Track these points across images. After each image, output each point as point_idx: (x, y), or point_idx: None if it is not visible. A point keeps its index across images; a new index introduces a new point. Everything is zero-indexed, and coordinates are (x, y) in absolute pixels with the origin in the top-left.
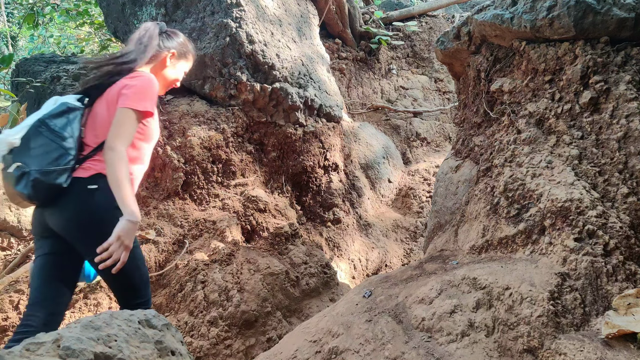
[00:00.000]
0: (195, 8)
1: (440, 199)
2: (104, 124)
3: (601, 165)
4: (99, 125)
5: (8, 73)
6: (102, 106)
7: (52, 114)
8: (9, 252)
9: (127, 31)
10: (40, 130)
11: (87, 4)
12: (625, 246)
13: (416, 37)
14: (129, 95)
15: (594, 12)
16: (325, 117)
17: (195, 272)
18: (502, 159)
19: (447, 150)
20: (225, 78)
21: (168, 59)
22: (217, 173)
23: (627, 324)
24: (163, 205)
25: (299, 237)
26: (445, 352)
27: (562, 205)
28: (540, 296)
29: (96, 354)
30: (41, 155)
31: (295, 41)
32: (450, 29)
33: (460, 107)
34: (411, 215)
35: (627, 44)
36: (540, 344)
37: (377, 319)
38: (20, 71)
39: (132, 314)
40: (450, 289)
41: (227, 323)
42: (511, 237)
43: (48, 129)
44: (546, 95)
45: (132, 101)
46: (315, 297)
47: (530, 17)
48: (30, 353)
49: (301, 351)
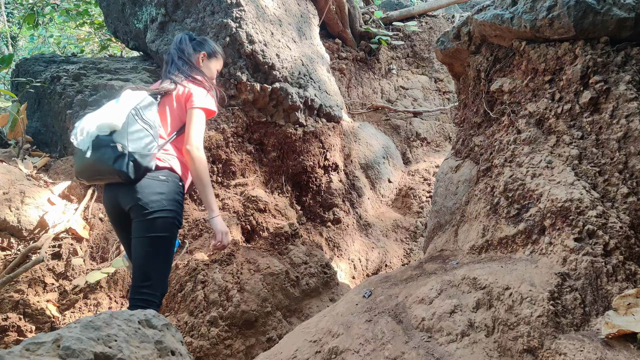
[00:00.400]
0: (195, 8)
1: (440, 199)
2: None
3: (601, 165)
4: (169, 120)
5: (8, 73)
6: (170, 104)
7: (144, 105)
8: (9, 252)
9: (127, 31)
10: (136, 118)
11: (87, 4)
12: (625, 246)
13: (416, 37)
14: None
15: (594, 12)
16: (325, 117)
17: (195, 272)
18: (502, 159)
19: (447, 150)
20: (225, 78)
21: (200, 60)
22: (217, 173)
23: (627, 324)
24: None
25: (299, 237)
26: (445, 352)
27: (562, 205)
28: (540, 296)
29: (96, 354)
30: (137, 140)
31: (295, 41)
32: (450, 29)
33: (460, 107)
34: (411, 215)
35: (627, 44)
36: (540, 344)
37: (377, 319)
38: (20, 71)
39: (132, 314)
40: (450, 289)
41: (227, 323)
42: (511, 237)
43: (141, 118)
44: (546, 95)
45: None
46: (315, 297)
47: (530, 17)
48: (30, 353)
49: (301, 351)
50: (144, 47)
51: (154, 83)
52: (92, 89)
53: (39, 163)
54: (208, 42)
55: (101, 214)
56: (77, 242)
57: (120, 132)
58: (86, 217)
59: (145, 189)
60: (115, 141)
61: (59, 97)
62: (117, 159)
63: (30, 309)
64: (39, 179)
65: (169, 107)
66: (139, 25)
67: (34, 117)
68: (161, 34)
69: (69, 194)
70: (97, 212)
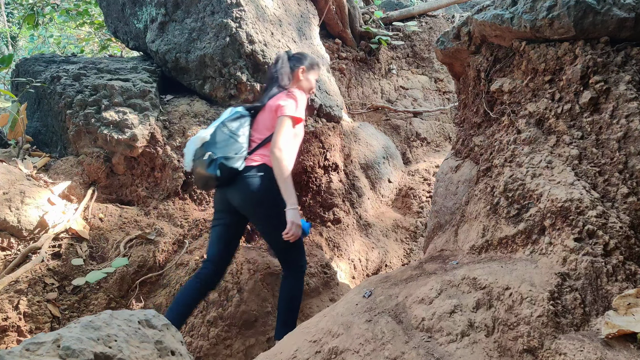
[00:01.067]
0: (195, 8)
1: (440, 199)
2: (265, 127)
3: (601, 165)
4: (261, 128)
5: (8, 73)
6: (264, 115)
7: (230, 119)
8: (8, 252)
9: (127, 31)
10: (223, 130)
11: (87, 4)
12: (625, 246)
13: (416, 37)
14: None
15: (594, 12)
16: (325, 117)
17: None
18: (502, 159)
19: (447, 150)
20: (225, 78)
21: (300, 74)
22: None
23: (627, 324)
24: (163, 205)
25: None
26: (445, 352)
27: (562, 205)
28: (540, 296)
29: (96, 354)
30: (223, 147)
31: (295, 41)
32: (450, 29)
33: (460, 107)
34: (411, 215)
35: (627, 44)
36: (540, 344)
37: (377, 319)
38: (20, 71)
39: (132, 314)
40: (450, 289)
41: (227, 323)
42: (511, 237)
43: (227, 129)
44: (546, 95)
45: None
46: (315, 297)
47: (530, 17)
48: (30, 353)
49: (301, 351)
50: (144, 47)
51: (153, 83)
52: (92, 89)
53: (39, 163)
54: (305, 56)
55: (101, 214)
56: (77, 242)
57: (209, 142)
58: (86, 217)
59: (247, 184)
60: (206, 151)
61: (59, 97)
62: (209, 165)
63: (30, 309)
64: (39, 179)
65: (262, 118)
66: (139, 25)
67: (34, 117)
68: (161, 34)
69: (69, 194)
70: (97, 212)
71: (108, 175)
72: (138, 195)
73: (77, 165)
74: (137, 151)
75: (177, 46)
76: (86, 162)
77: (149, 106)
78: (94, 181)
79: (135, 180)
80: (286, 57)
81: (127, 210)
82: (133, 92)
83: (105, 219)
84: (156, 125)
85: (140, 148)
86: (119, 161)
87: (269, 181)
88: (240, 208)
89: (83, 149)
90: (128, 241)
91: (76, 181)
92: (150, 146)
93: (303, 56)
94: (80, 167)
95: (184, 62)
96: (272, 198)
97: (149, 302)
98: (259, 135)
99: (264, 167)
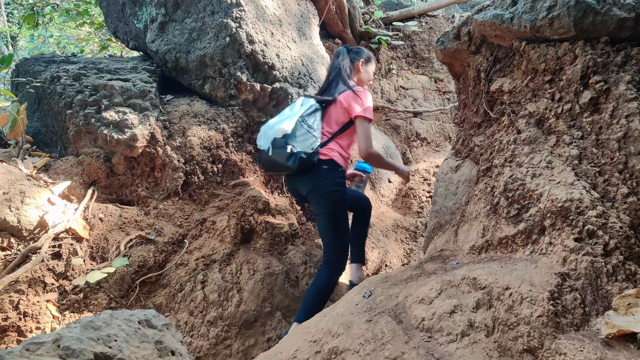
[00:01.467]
0: (195, 8)
1: (440, 199)
2: (336, 122)
3: (601, 165)
4: (332, 122)
5: (8, 73)
6: (335, 110)
7: (307, 113)
8: (8, 252)
9: (127, 31)
10: (302, 124)
11: (87, 4)
12: (625, 246)
13: (416, 37)
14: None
15: (594, 12)
16: None
17: (195, 272)
18: (502, 159)
19: (447, 150)
20: (225, 78)
21: (360, 67)
22: (217, 173)
23: (627, 324)
24: (163, 205)
25: (298, 237)
26: (445, 352)
27: (562, 205)
28: (540, 296)
29: (96, 354)
30: (302, 141)
31: (295, 41)
32: (450, 29)
33: (460, 107)
34: (411, 215)
35: (627, 44)
36: (540, 344)
37: (377, 319)
38: (20, 71)
39: (132, 314)
40: (450, 289)
41: (226, 323)
42: (511, 237)
43: (306, 124)
44: (546, 95)
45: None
46: None
47: (530, 17)
48: (30, 353)
49: (301, 351)
50: (144, 47)
51: (153, 83)
52: (92, 89)
53: (39, 163)
54: (363, 50)
55: (101, 214)
56: (77, 242)
57: (290, 135)
58: (86, 217)
59: (315, 177)
60: (287, 143)
61: (59, 97)
62: (289, 157)
63: (30, 309)
64: (39, 179)
65: (332, 112)
66: (139, 25)
67: (34, 117)
68: (161, 34)
69: (69, 194)
70: (97, 212)
71: (108, 175)
72: (138, 195)
73: (77, 165)
74: (137, 151)
75: (177, 46)
76: (86, 162)
77: (149, 106)
78: (94, 181)
79: (135, 180)
80: (345, 51)
81: (127, 210)
82: (133, 92)
83: (105, 219)
84: (156, 125)
85: (140, 148)
86: (119, 161)
87: (334, 177)
88: (307, 197)
89: (83, 149)
90: (128, 241)
91: (76, 181)
92: (150, 146)
93: (361, 50)
94: (80, 167)
95: (184, 62)
96: (332, 193)
97: (149, 302)
98: (329, 129)
99: (332, 162)
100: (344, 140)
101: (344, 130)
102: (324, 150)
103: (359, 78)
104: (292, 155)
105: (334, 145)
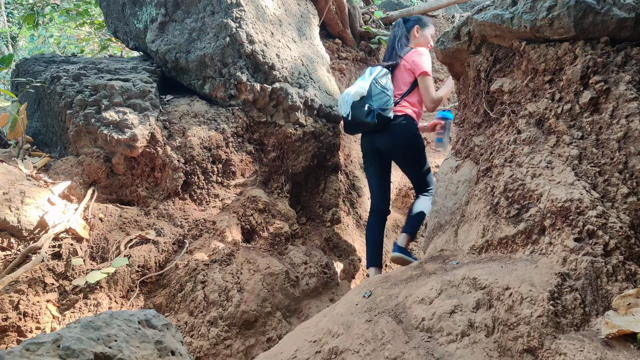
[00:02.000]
0: (195, 8)
1: (440, 199)
2: (403, 83)
3: (601, 165)
4: (400, 84)
5: (8, 73)
6: (400, 73)
7: (379, 76)
8: (8, 252)
9: (127, 31)
10: (376, 85)
11: (87, 4)
12: (625, 246)
13: None
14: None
15: (594, 12)
16: (325, 117)
17: (195, 272)
18: (502, 159)
19: (446, 150)
20: (225, 78)
21: (416, 32)
22: (217, 173)
23: (627, 324)
24: (163, 205)
25: (298, 237)
26: (445, 352)
27: (562, 205)
28: (540, 296)
29: (96, 354)
30: (378, 100)
31: (295, 41)
32: (450, 29)
33: (460, 107)
34: None
35: (627, 44)
36: (540, 344)
37: (377, 319)
38: (20, 71)
39: (132, 314)
40: (450, 289)
41: (227, 323)
42: (511, 237)
43: (380, 84)
44: (546, 95)
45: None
46: (315, 297)
47: (530, 17)
48: (30, 353)
49: (301, 351)
50: (144, 47)
51: (153, 83)
52: (92, 89)
53: (39, 163)
54: (418, 17)
55: (101, 214)
56: (77, 242)
57: (367, 96)
58: (86, 217)
59: (395, 131)
60: (365, 103)
61: (59, 97)
62: (368, 114)
63: (30, 309)
64: (39, 179)
65: (399, 75)
66: (139, 25)
67: (34, 117)
68: (161, 34)
69: (69, 194)
70: (97, 212)
71: (108, 175)
72: (138, 195)
73: (77, 165)
74: (137, 151)
75: (177, 46)
76: (86, 162)
77: (149, 106)
78: (94, 181)
79: (135, 180)
80: (402, 22)
81: (127, 210)
82: (133, 92)
83: (105, 219)
84: (156, 125)
85: (140, 148)
86: (119, 161)
87: (412, 128)
88: (387, 150)
89: (83, 149)
90: (128, 241)
91: (76, 181)
92: (150, 146)
93: (416, 17)
94: (80, 167)
95: (184, 62)
96: (414, 141)
97: (149, 302)
98: (398, 91)
99: (407, 117)
100: (413, 97)
101: (412, 89)
102: (397, 107)
103: (417, 43)
104: (371, 112)
105: (406, 103)
